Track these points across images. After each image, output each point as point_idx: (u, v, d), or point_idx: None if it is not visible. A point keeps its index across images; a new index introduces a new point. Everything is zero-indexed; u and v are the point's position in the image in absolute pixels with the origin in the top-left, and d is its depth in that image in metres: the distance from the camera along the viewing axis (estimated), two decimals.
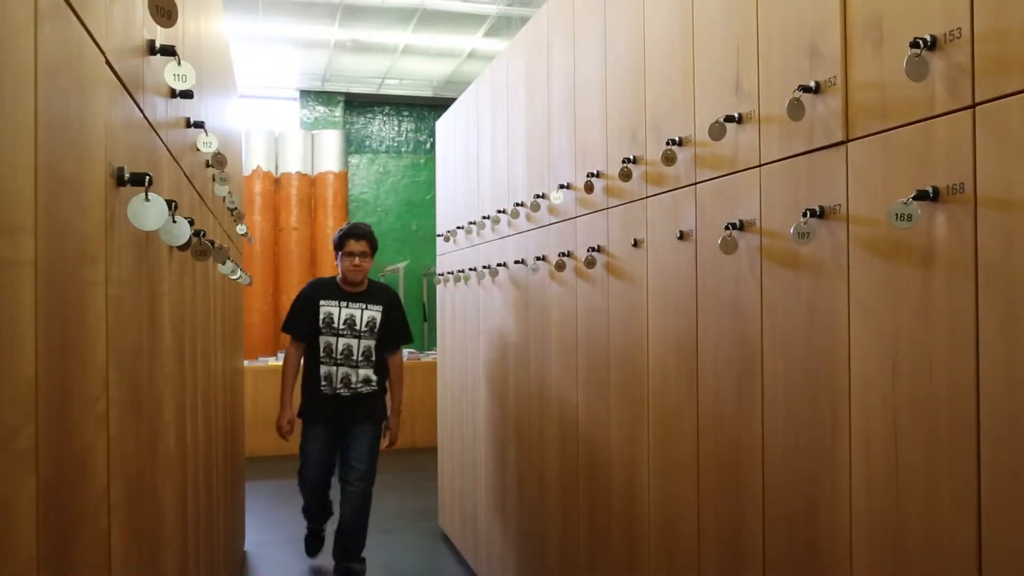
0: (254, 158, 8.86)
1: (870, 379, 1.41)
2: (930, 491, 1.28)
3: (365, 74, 9.01)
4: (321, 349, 3.94)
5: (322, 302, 3.97)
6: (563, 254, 2.80)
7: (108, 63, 1.05)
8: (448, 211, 4.73)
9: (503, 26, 7.47)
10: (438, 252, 4.96)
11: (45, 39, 0.79)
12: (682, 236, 2.03)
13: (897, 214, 1.27)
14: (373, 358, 4.01)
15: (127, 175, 1.09)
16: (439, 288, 4.98)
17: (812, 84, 1.53)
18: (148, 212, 1.09)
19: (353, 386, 3.98)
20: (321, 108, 9.73)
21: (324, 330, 3.95)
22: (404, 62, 8.54)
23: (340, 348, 3.95)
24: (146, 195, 1.08)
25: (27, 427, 0.73)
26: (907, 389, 1.32)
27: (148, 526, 1.33)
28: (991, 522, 1.18)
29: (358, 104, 9.94)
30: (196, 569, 2.02)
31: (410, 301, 9.50)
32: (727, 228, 1.79)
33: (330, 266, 9.16)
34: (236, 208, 3.02)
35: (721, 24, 1.87)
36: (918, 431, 1.30)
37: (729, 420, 1.85)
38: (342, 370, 3.95)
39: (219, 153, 2.07)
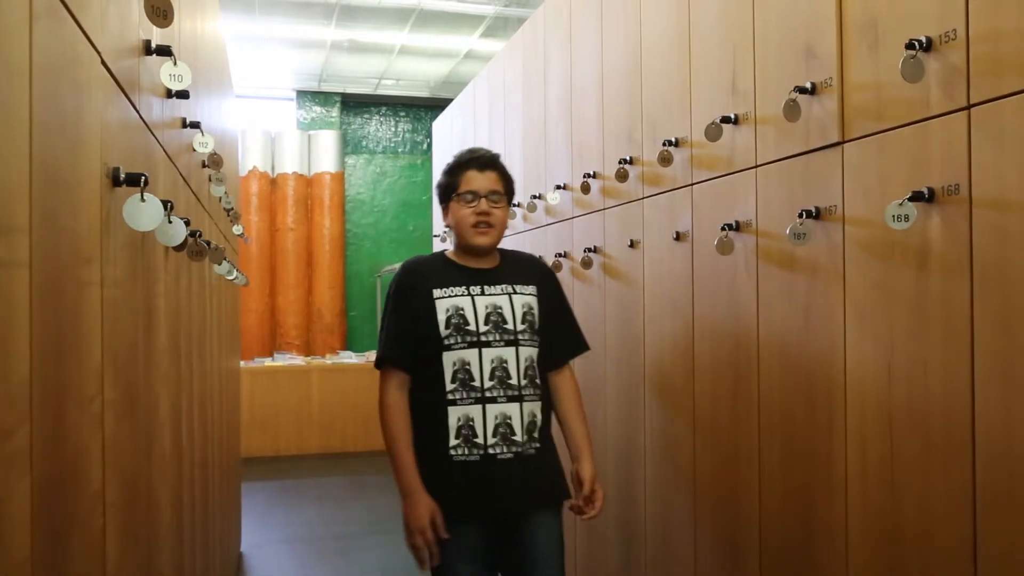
0: (250, 158, 8.85)
1: (865, 379, 1.41)
2: (925, 491, 1.28)
3: (362, 74, 9.00)
4: (448, 377, 2.05)
5: (437, 291, 2.10)
6: (560, 254, 2.80)
7: (104, 63, 1.05)
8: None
9: (500, 27, 7.47)
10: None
11: (40, 39, 0.79)
12: (678, 237, 2.03)
13: (893, 215, 1.27)
14: (539, 380, 2.12)
15: (123, 175, 1.08)
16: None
17: (808, 85, 1.53)
18: (144, 212, 1.09)
19: (518, 440, 2.04)
20: (318, 108, 9.72)
21: (451, 339, 2.06)
22: (401, 62, 8.54)
23: (488, 367, 2.05)
24: (142, 195, 1.08)
25: (22, 427, 0.73)
26: (902, 389, 1.33)
27: (143, 527, 1.32)
28: (986, 522, 1.18)
29: (355, 104, 9.93)
30: (191, 570, 2.01)
31: None
32: (723, 229, 1.79)
33: (327, 267, 9.16)
34: (232, 208, 3.02)
35: (717, 25, 1.87)
36: (913, 431, 1.30)
37: (725, 420, 1.85)
38: (495, 410, 2.04)
39: (215, 153, 2.06)
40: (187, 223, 1.35)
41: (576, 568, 2.72)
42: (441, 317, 2.06)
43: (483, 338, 2.06)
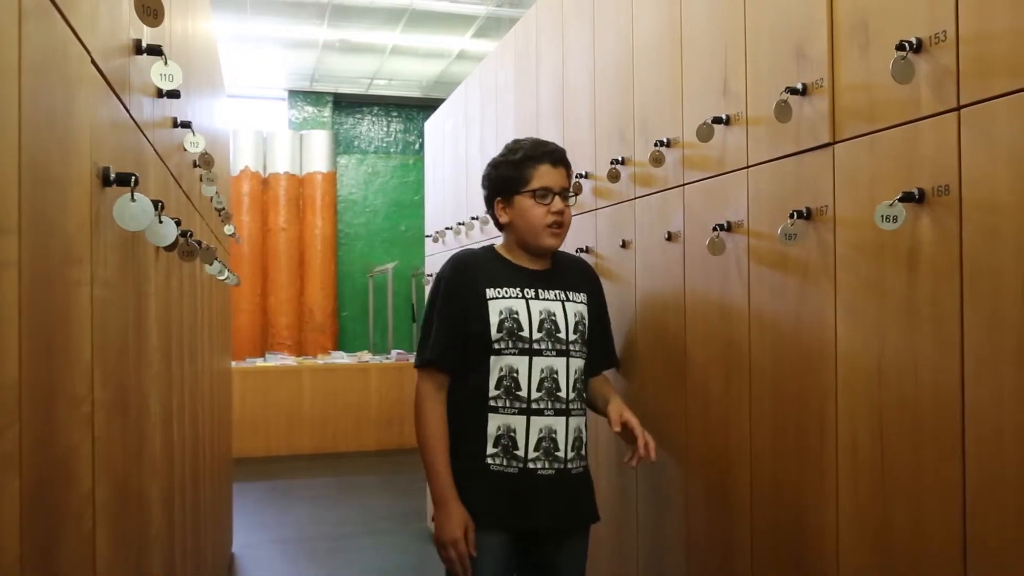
0: (242, 158, 8.83)
1: (856, 380, 1.41)
2: (915, 491, 1.29)
3: (354, 74, 8.99)
4: (492, 382, 1.95)
5: (490, 291, 1.98)
6: None
7: (93, 62, 1.04)
8: (437, 212, 4.72)
9: (492, 27, 7.47)
10: (427, 253, 4.95)
11: (29, 38, 0.79)
12: (670, 237, 2.04)
13: (883, 216, 1.28)
14: (585, 394, 2.07)
15: (113, 175, 1.08)
16: (427, 289, 4.97)
17: (799, 86, 1.53)
18: (134, 212, 1.08)
19: (561, 457, 1.96)
20: (310, 108, 9.71)
21: (502, 343, 1.94)
22: (393, 62, 8.53)
23: (536, 376, 1.95)
24: (132, 195, 1.07)
25: (11, 428, 0.73)
26: (893, 390, 1.33)
27: (134, 528, 1.32)
28: (976, 522, 1.18)
29: (347, 104, 9.92)
30: (183, 571, 2.01)
31: (399, 302, 9.49)
32: (715, 229, 1.80)
33: (318, 267, 9.14)
34: (224, 208, 3.01)
35: (709, 25, 1.87)
36: (903, 431, 1.31)
37: (717, 420, 1.85)
38: (540, 423, 1.94)
39: (206, 153, 2.06)
40: (178, 223, 1.35)
41: None
42: (494, 319, 1.94)
43: (535, 346, 1.95)
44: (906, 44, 1.26)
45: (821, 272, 1.50)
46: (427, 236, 4.89)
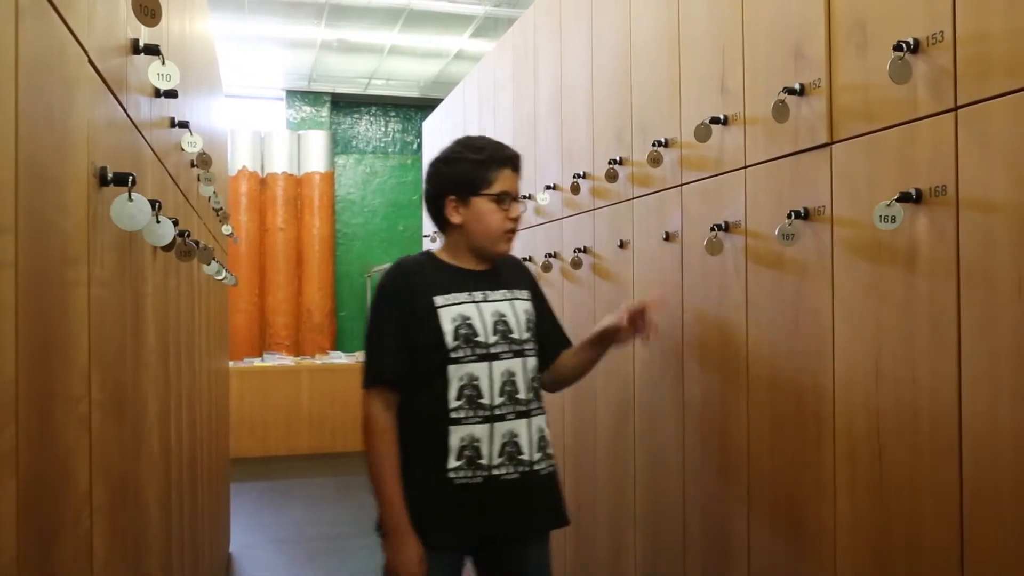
0: (240, 158, 8.82)
1: (854, 379, 1.42)
2: (912, 491, 1.29)
3: (352, 74, 8.98)
4: (453, 393, 1.86)
5: (439, 298, 1.90)
6: (549, 255, 2.81)
7: (91, 62, 1.04)
8: None
9: (490, 27, 7.47)
10: None
11: (26, 37, 0.79)
12: (668, 237, 2.04)
13: (881, 216, 1.28)
14: (541, 391, 2.03)
15: (110, 175, 1.08)
16: None
17: (797, 86, 1.53)
18: (131, 212, 1.08)
19: (525, 459, 1.91)
20: (307, 108, 9.70)
21: (459, 351, 1.87)
22: (391, 62, 8.52)
23: (498, 382, 1.89)
24: (129, 195, 1.07)
25: (7, 428, 0.73)
26: (890, 389, 1.33)
27: (131, 528, 1.32)
28: (972, 521, 1.18)
29: (345, 104, 9.91)
30: (180, 572, 2.01)
31: None
32: (712, 229, 1.80)
33: (316, 267, 9.14)
34: (221, 208, 3.00)
35: (707, 26, 1.88)
36: (901, 431, 1.31)
37: (714, 420, 1.85)
38: (502, 428, 1.88)
39: (204, 153, 2.06)
40: (175, 223, 1.35)
41: (566, 569, 2.72)
42: (447, 327, 1.86)
43: (492, 350, 1.88)
44: (903, 44, 1.26)
45: (819, 272, 1.50)
46: (425, 236, 4.89)
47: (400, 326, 1.88)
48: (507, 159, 1.95)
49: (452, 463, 1.84)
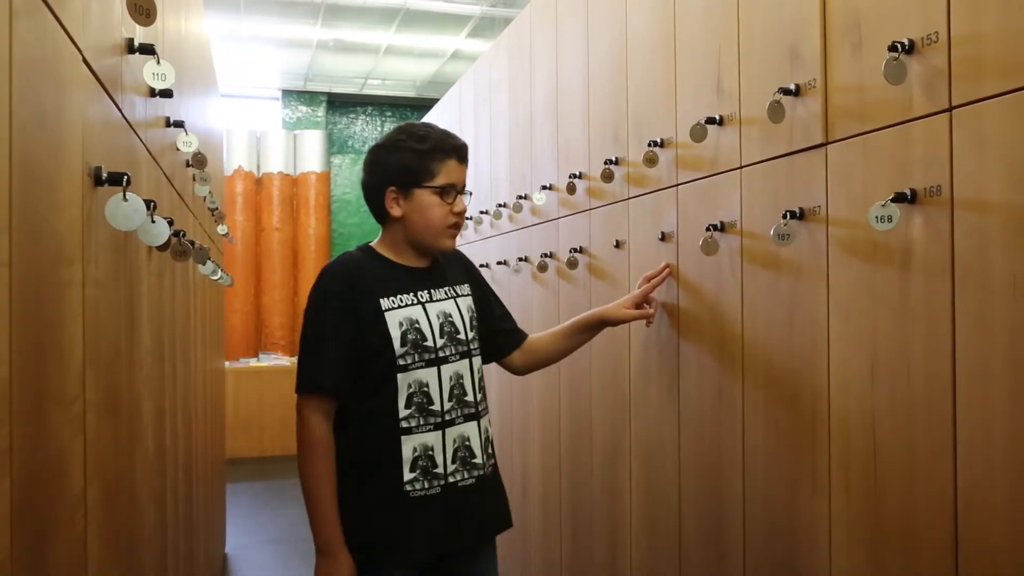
0: (236, 158, 8.81)
1: (849, 379, 1.42)
2: (907, 490, 1.29)
3: (348, 74, 8.98)
4: (402, 401, 1.76)
5: (385, 300, 1.79)
6: (545, 255, 2.81)
7: (85, 61, 1.04)
8: None
9: (486, 27, 7.47)
10: None
11: (20, 36, 0.79)
12: (664, 237, 2.04)
13: (876, 216, 1.28)
14: (485, 391, 1.96)
15: (105, 175, 1.08)
16: None
17: (792, 86, 1.54)
18: (126, 212, 1.08)
19: (478, 463, 1.85)
20: (303, 108, 9.69)
21: (407, 357, 1.77)
22: (387, 62, 8.52)
23: (447, 386, 1.81)
24: (124, 195, 1.07)
25: (1, 428, 0.72)
26: (885, 389, 1.33)
27: (126, 528, 1.31)
28: (966, 520, 1.19)
29: (340, 104, 9.91)
30: (175, 572, 2.00)
31: None
32: (708, 229, 1.80)
33: (312, 267, 9.13)
34: (217, 208, 3.00)
35: (702, 26, 1.88)
36: (895, 431, 1.31)
37: (710, 420, 1.86)
38: (454, 433, 1.81)
39: (199, 153, 2.05)
40: (170, 223, 1.35)
41: (561, 570, 2.72)
42: (395, 332, 1.74)
43: (440, 353, 1.79)
44: (898, 45, 1.27)
45: (814, 272, 1.51)
46: None
47: (344, 331, 1.74)
48: (452, 149, 1.83)
49: (407, 475, 1.74)
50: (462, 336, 1.85)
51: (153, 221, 1.21)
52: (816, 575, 1.50)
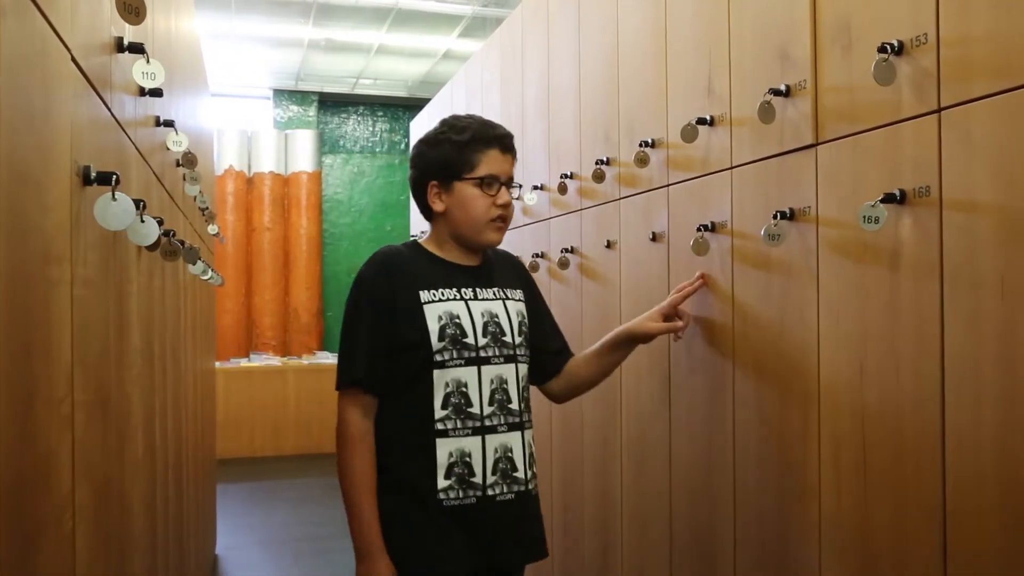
0: (226, 157, 8.78)
1: (839, 379, 1.42)
2: (896, 493, 1.30)
3: (339, 74, 8.96)
4: (439, 401, 1.68)
5: (424, 293, 1.71)
6: (536, 255, 2.81)
7: (74, 60, 1.03)
8: None
9: (478, 27, 7.46)
10: None
11: (7, 34, 0.78)
12: (655, 237, 2.04)
13: (865, 216, 1.28)
14: (530, 403, 1.82)
15: (93, 174, 1.07)
16: None
17: (783, 87, 1.54)
18: (115, 211, 1.08)
19: (520, 477, 1.73)
20: (295, 107, 9.67)
21: (445, 353, 1.68)
22: (378, 62, 8.51)
23: (487, 389, 1.70)
24: (113, 194, 1.07)
25: None
26: (875, 389, 1.34)
27: (115, 529, 1.31)
28: (955, 520, 1.19)
29: (332, 104, 9.89)
30: (165, 573, 2.00)
31: None
32: (699, 230, 1.80)
33: (304, 267, 9.11)
34: (207, 208, 2.99)
35: (693, 27, 1.88)
36: (885, 431, 1.32)
37: (701, 421, 1.86)
38: (495, 441, 1.70)
39: (189, 152, 2.05)
40: (160, 222, 1.34)
41: (553, 569, 2.72)
42: (433, 326, 1.66)
43: (482, 353, 1.69)
44: (887, 46, 1.27)
45: (804, 273, 1.51)
46: (412, 236, 4.89)
47: (379, 322, 1.68)
48: (494, 139, 1.74)
49: (441, 482, 1.64)
50: (508, 339, 1.73)
51: (142, 221, 1.20)
52: (806, 575, 1.50)
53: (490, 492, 1.67)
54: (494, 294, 1.77)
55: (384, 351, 1.67)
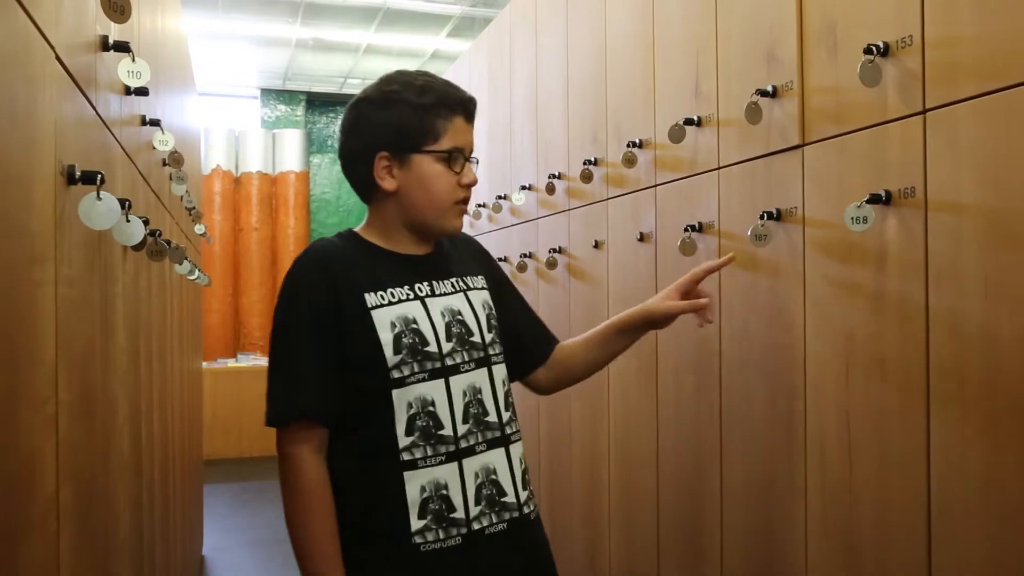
0: (214, 157, 8.74)
1: (825, 379, 1.43)
2: (881, 490, 1.30)
3: (327, 73, 8.94)
4: (401, 427, 1.37)
5: (371, 296, 1.39)
6: (524, 255, 2.81)
7: (58, 58, 1.03)
8: None
9: (466, 27, 7.46)
10: None
11: None
12: (642, 238, 2.05)
13: (851, 217, 1.29)
14: (514, 407, 1.53)
15: (78, 173, 1.06)
16: None
17: (769, 88, 1.55)
18: (100, 211, 1.07)
19: (510, 502, 1.44)
20: (282, 107, 9.64)
21: (404, 368, 1.38)
22: (367, 62, 8.49)
23: (460, 403, 1.41)
24: (98, 194, 1.06)
25: None
26: (860, 389, 1.35)
27: (100, 530, 1.30)
28: (940, 519, 1.20)
29: (320, 103, 9.86)
30: (151, 574, 1.99)
31: None
32: (686, 230, 1.81)
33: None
34: (194, 208, 2.98)
35: (681, 28, 1.89)
36: (870, 431, 1.33)
37: (688, 421, 1.86)
38: (474, 465, 1.41)
39: (176, 152, 2.04)
40: (146, 222, 1.34)
41: None
42: (385, 336, 1.35)
43: (448, 361, 1.39)
44: (873, 48, 1.28)
45: (790, 273, 1.52)
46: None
47: (322, 338, 1.36)
48: (458, 103, 1.45)
49: (415, 523, 1.34)
50: (476, 338, 1.44)
51: (128, 220, 1.20)
52: (793, 574, 1.51)
53: (476, 526, 1.38)
54: (453, 286, 1.46)
55: (330, 372, 1.36)
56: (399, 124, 1.41)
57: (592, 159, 2.30)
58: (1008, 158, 1.09)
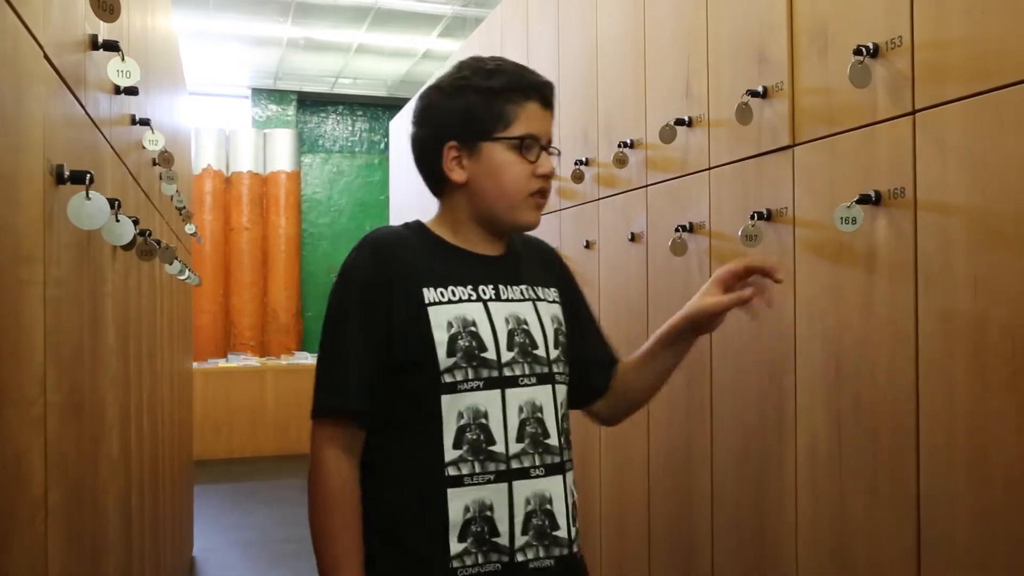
0: (204, 157, 8.71)
1: (815, 379, 1.43)
2: (872, 491, 1.31)
3: (318, 73, 8.93)
4: (449, 438, 1.24)
5: (428, 291, 1.27)
6: None
7: (46, 57, 1.02)
8: (402, 212, 4.71)
9: (458, 26, 7.46)
10: None
11: None
12: (633, 238, 2.05)
13: (841, 217, 1.29)
14: (570, 436, 1.40)
15: (67, 173, 1.06)
16: None
17: (760, 89, 1.55)
18: (89, 211, 1.07)
19: (561, 537, 1.29)
20: (273, 107, 9.61)
21: (457, 372, 1.25)
22: (358, 61, 8.48)
23: (515, 420, 1.27)
24: (87, 193, 1.06)
25: None
26: (850, 389, 1.35)
27: (89, 531, 1.29)
28: (928, 518, 1.20)
29: (311, 103, 9.84)
30: (141, 575, 1.98)
31: None
32: (677, 230, 1.81)
33: (282, 267, 9.06)
34: (184, 207, 2.97)
35: (672, 29, 1.89)
36: (860, 431, 1.33)
37: (679, 421, 1.87)
38: (526, 490, 1.27)
39: (166, 151, 2.03)
40: (136, 222, 1.33)
41: None
42: (440, 336, 1.25)
43: (507, 372, 1.27)
44: (863, 49, 1.28)
45: (781, 273, 1.52)
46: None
47: (370, 332, 1.27)
48: (533, 88, 1.33)
49: (455, 546, 1.23)
50: (541, 352, 1.31)
51: (117, 220, 1.19)
52: (783, 574, 1.51)
53: (520, 558, 1.24)
54: (522, 293, 1.34)
55: (378, 369, 1.27)
56: (467, 110, 1.31)
57: (583, 159, 2.30)
58: (997, 159, 1.09)
